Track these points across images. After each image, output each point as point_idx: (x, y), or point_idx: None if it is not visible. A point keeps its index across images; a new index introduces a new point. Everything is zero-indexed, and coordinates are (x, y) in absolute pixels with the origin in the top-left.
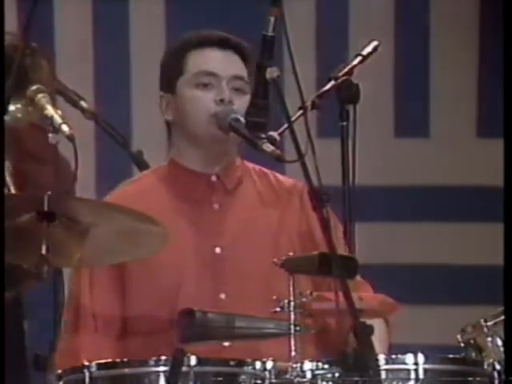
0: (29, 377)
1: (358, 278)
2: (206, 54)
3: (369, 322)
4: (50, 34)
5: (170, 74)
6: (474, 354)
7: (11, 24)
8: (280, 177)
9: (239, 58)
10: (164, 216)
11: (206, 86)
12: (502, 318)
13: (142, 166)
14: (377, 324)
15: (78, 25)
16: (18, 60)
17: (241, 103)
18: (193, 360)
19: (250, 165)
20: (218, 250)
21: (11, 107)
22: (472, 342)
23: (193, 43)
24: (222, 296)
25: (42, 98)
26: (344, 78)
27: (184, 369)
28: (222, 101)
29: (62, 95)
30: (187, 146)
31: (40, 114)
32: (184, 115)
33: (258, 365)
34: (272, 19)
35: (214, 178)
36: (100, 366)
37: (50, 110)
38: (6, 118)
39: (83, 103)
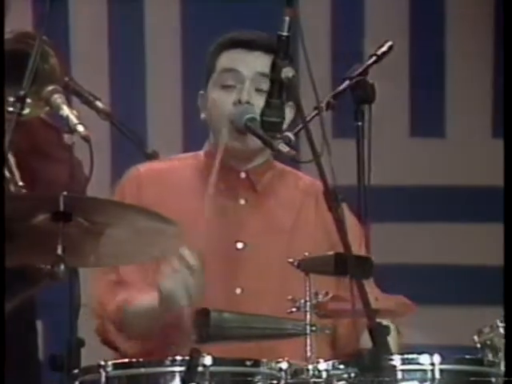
0: (40, 377)
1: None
2: (232, 54)
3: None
4: (65, 33)
5: (206, 74)
6: (490, 355)
7: (26, 23)
8: (300, 175)
9: (268, 57)
10: (191, 201)
11: (229, 87)
12: None
13: None
14: None
15: (93, 24)
16: (35, 56)
17: None
18: (208, 360)
19: (286, 167)
20: (239, 245)
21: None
22: (489, 342)
23: (224, 44)
24: (238, 291)
25: (57, 98)
26: (359, 77)
27: (199, 369)
28: (239, 102)
29: (77, 95)
30: (217, 144)
31: (47, 111)
32: (209, 116)
33: (274, 365)
34: (287, 19)
35: (243, 175)
36: (116, 366)
37: (65, 111)
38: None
39: (98, 103)
